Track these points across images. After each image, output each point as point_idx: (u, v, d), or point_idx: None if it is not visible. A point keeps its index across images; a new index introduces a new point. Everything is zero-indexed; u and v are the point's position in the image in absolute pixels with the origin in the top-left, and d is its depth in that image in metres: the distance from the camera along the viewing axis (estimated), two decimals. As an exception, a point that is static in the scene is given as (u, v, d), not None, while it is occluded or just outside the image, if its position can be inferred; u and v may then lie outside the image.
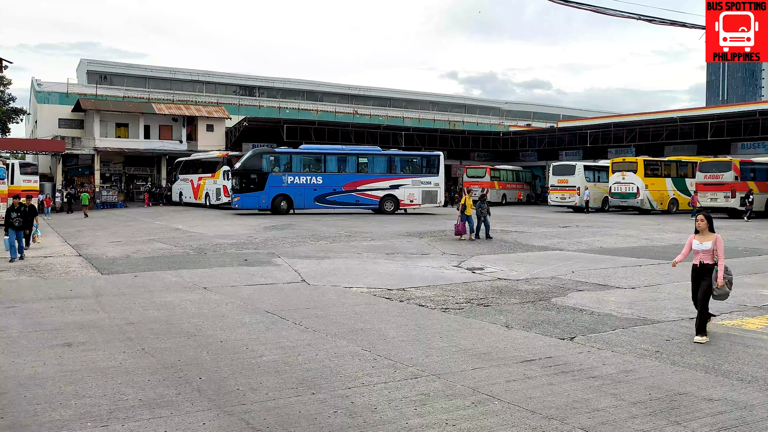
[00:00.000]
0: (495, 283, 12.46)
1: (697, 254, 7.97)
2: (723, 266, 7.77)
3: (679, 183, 37.93)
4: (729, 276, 7.95)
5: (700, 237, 8.00)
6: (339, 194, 33.72)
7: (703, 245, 7.93)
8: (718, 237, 7.90)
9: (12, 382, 6.06)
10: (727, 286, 7.89)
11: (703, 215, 7.99)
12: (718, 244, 7.86)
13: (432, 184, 36.24)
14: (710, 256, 7.86)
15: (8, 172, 29.30)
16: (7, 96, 57.54)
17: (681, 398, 5.69)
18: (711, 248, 7.85)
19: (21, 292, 11.27)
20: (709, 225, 8.00)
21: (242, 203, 32.62)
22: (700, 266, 7.96)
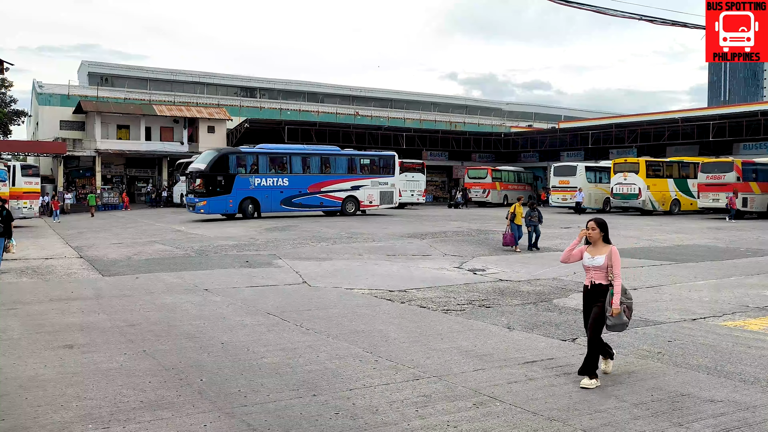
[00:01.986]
0: (496, 284, 12.44)
1: (588, 272, 6.40)
2: (620, 287, 6.19)
3: (680, 184, 37.88)
4: (628, 300, 6.33)
5: (592, 249, 6.37)
6: (304, 196, 32.51)
7: (594, 260, 6.30)
8: (613, 249, 6.30)
9: (13, 384, 6.06)
10: (625, 313, 6.26)
11: (595, 221, 6.40)
12: (614, 258, 6.25)
13: (389, 184, 35.78)
14: (604, 275, 6.27)
15: (9, 174, 29.29)
16: (9, 98, 57.59)
17: (683, 399, 5.68)
18: (605, 264, 6.23)
19: (22, 294, 11.27)
20: (603, 234, 6.39)
21: (209, 208, 30.15)
22: (591, 288, 6.34)
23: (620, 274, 6.25)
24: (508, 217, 18.65)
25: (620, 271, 6.26)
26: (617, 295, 6.17)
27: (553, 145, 53.88)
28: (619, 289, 6.19)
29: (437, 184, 59.38)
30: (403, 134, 52.37)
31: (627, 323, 6.34)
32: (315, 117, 58.00)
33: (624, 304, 6.26)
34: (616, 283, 6.20)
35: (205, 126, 50.05)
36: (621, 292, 6.22)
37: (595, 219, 6.46)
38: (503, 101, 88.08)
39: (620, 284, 6.22)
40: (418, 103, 74.44)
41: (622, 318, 6.23)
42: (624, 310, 6.24)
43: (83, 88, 54.69)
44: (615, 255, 6.27)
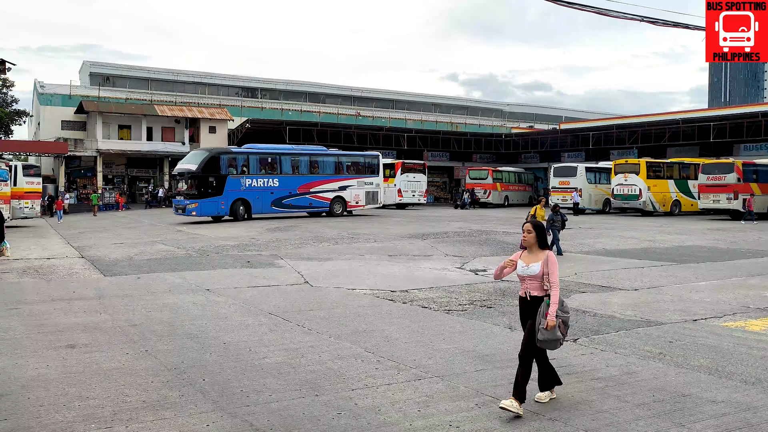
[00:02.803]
0: (498, 284, 12.45)
1: (523, 282, 5.69)
2: (557, 298, 5.46)
3: (681, 185, 37.89)
4: (565, 315, 5.60)
5: (527, 256, 5.71)
6: (294, 197, 32.08)
7: (529, 268, 5.60)
8: (550, 255, 5.62)
9: (15, 384, 6.07)
10: (560, 328, 5.50)
11: (531, 224, 5.76)
12: (550, 265, 5.55)
13: (374, 184, 35.64)
14: (540, 285, 5.59)
15: (11, 174, 29.33)
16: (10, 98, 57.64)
17: (685, 400, 5.68)
18: (540, 272, 5.55)
19: (24, 294, 11.29)
20: (539, 239, 5.71)
21: (201, 210, 29.23)
22: (526, 299, 5.68)
23: (558, 283, 5.53)
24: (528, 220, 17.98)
25: (558, 280, 5.55)
26: (553, 305, 5.42)
27: (554, 146, 53.93)
28: (556, 300, 5.45)
29: (438, 184, 59.44)
30: (404, 135, 52.43)
31: (561, 339, 5.52)
32: (316, 117, 58.05)
33: (560, 318, 5.49)
34: (552, 292, 5.48)
35: (207, 126, 50.12)
36: (559, 306, 5.50)
37: (531, 221, 5.81)
38: (504, 102, 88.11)
39: (558, 294, 5.48)
40: (420, 104, 74.47)
41: (555, 333, 5.43)
42: (559, 325, 5.47)
43: (85, 88, 54.75)
44: (552, 261, 5.57)
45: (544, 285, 5.56)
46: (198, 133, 49.92)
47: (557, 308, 5.46)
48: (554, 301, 5.44)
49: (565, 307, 5.63)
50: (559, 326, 5.46)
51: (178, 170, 30.95)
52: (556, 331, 5.43)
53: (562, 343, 5.58)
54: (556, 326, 5.41)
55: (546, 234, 5.79)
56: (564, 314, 5.58)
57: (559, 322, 5.47)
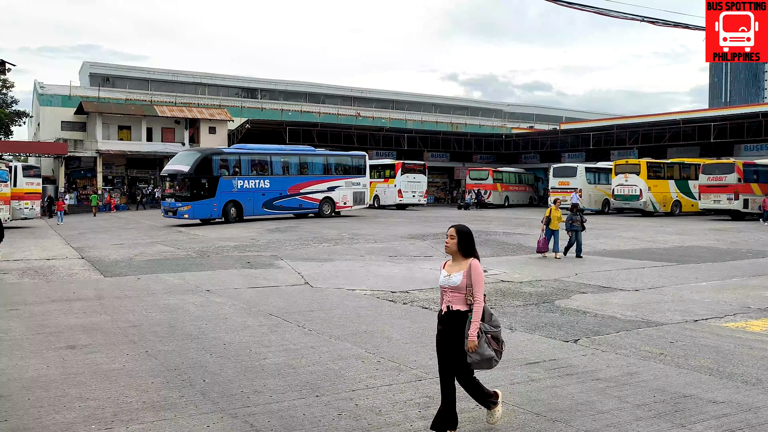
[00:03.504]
0: (498, 285, 12.44)
1: (445, 294, 4.94)
2: (480, 313, 4.78)
3: (682, 185, 37.88)
4: (494, 329, 4.92)
5: (449, 265, 5.01)
6: (285, 198, 31.62)
7: (450, 279, 4.87)
8: (474, 264, 4.85)
9: (16, 385, 6.06)
10: (492, 344, 4.85)
11: (456, 228, 4.98)
12: (474, 275, 4.80)
13: (361, 185, 35.41)
14: (463, 298, 4.83)
15: (11, 174, 29.35)
16: (10, 99, 57.71)
17: (685, 400, 5.67)
18: (463, 283, 4.81)
19: (24, 295, 11.28)
20: (462, 245, 4.93)
21: (194, 213, 28.40)
22: (448, 314, 4.89)
23: (482, 299, 4.81)
24: (543, 222, 17.31)
25: (482, 295, 4.83)
26: (475, 323, 4.76)
27: (554, 147, 53.90)
28: (479, 316, 4.79)
29: (438, 185, 59.42)
30: (404, 135, 52.42)
31: (494, 357, 4.87)
32: (316, 118, 58.04)
33: (489, 334, 4.87)
34: (475, 308, 4.78)
35: (207, 127, 50.11)
36: (486, 319, 4.89)
37: (456, 225, 5.06)
38: (504, 102, 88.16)
39: (481, 309, 4.81)
40: (420, 104, 74.49)
41: (485, 351, 4.81)
42: (488, 341, 4.84)
43: (84, 89, 54.77)
44: (476, 271, 4.83)
45: (467, 298, 4.83)
46: (198, 134, 49.92)
47: (484, 324, 4.85)
48: (475, 319, 4.77)
49: (494, 320, 4.97)
50: (488, 343, 4.84)
51: (169, 171, 30.10)
52: (485, 350, 4.81)
53: (497, 360, 4.93)
54: (484, 344, 4.80)
55: (473, 240, 4.98)
56: (494, 329, 4.92)
57: (487, 338, 4.85)
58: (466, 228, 5.01)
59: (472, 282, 4.80)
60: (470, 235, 4.98)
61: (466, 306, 4.83)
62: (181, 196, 28.54)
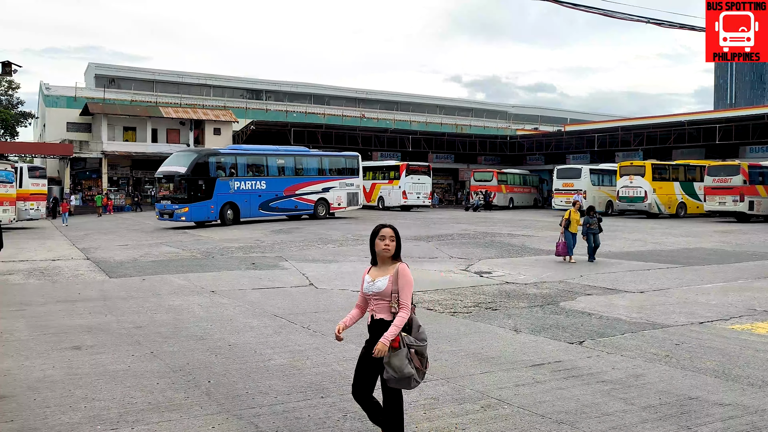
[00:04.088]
0: (503, 286, 12.43)
1: (370, 302, 4.52)
2: (404, 320, 4.28)
3: (687, 187, 37.80)
4: (420, 344, 4.37)
5: (375, 269, 4.54)
6: (281, 200, 31.35)
7: (375, 284, 4.43)
8: (402, 268, 4.41)
9: (21, 385, 6.08)
10: (414, 360, 4.31)
11: (392, 229, 4.52)
12: (402, 279, 4.36)
13: (354, 186, 35.24)
14: (387, 306, 4.39)
15: (16, 175, 29.44)
16: (16, 100, 57.92)
17: (691, 403, 5.66)
18: (388, 289, 4.37)
19: (29, 296, 11.31)
20: (396, 248, 4.48)
21: (191, 215, 27.81)
22: (373, 323, 4.49)
23: (410, 306, 4.32)
24: (562, 224, 16.68)
25: (410, 301, 4.34)
26: (396, 327, 4.24)
27: (559, 148, 53.87)
28: (402, 322, 4.26)
29: (443, 186, 59.40)
30: (408, 137, 52.45)
31: (414, 376, 4.28)
32: (321, 119, 58.12)
33: (412, 348, 4.30)
34: (401, 313, 4.28)
35: (211, 128, 50.21)
36: (413, 331, 4.38)
37: (389, 225, 4.55)
38: (509, 104, 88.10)
39: (407, 316, 4.30)
40: (424, 106, 74.49)
41: (404, 368, 4.22)
42: (410, 357, 4.27)
43: (90, 90, 54.90)
44: (404, 275, 4.36)
45: (392, 305, 4.36)
46: (203, 135, 50.03)
47: (408, 336, 4.33)
48: (397, 323, 4.25)
49: (421, 333, 4.42)
50: (410, 358, 4.27)
51: (165, 173, 29.16)
52: (405, 366, 4.23)
53: (417, 381, 4.34)
54: (405, 360, 4.23)
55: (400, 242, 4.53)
56: (419, 343, 4.35)
57: (409, 353, 4.29)
58: (395, 227, 4.57)
59: (399, 287, 4.34)
60: (398, 237, 4.54)
61: (390, 315, 4.36)
62: (178, 198, 27.91)
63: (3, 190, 27.08)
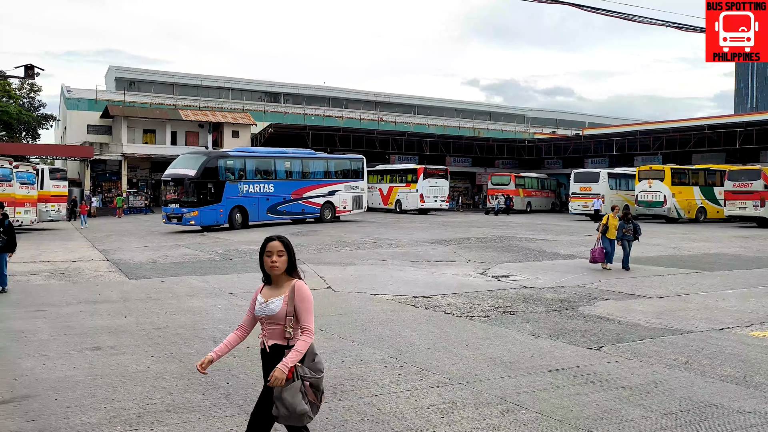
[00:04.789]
0: (520, 291, 12.39)
1: (263, 326, 3.97)
2: (305, 346, 3.77)
3: (707, 191, 37.44)
4: (316, 376, 3.83)
5: (268, 289, 4.01)
6: (288, 203, 30.81)
7: (268, 306, 3.90)
8: (298, 285, 3.89)
9: (43, 385, 6.15)
10: (305, 396, 3.74)
11: (281, 241, 3.94)
12: (299, 299, 3.85)
13: (359, 188, 34.89)
14: (281, 331, 3.86)
15: (38, 177, 29.76)
16: (38, 102, 58.63)
17: (712, 410, 5.60)
18: (282, 311, 3.84)
19: (51, 296, 11.43)
20: (289, 263, 3.95)
21: (201, 219, 27.01)
22: (267, 351, 3.94)
23: (312, 329, 3.82)
24: (599, 230, 15.99)
25: (312, 324, 3.84)
26: (297, 352, 3.72)
27: (577, 152, 53.56)
28: (304, 348, 3.75)
29: (460, 190, 59.29)
30: (426, 140, 52.41)
31: (308, 412, 3.76)
32: (339, 122, 58.29)
33: (307, 380, 3.77)
34: (303, 337, 3.77)
35: (230, 131, 50.50)
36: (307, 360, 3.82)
37: (279, 237, 3.98)
38: (527, 108, 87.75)
39: (310, 340, 3.79)
40: (442, 109, 74.43)
41: (296, 403, 3.69)
42: (303, 391, 3.74)
43: (110, 93, 55.45)
44: (301, 294, 3.85)
45: (286, 331, 3.82)
46: (221, 138, 50.32)
47: (303, 367, 3.78)
48: (300, 348, 3.74)
49: (317, 363, 3.87)
50: (303, 392, 3.73)
51: (173, 175, 28.40)
52: (297, 401, 3.69)
53: (311, 417, 3.80)
54: (298, 394, 3.70)
55: (295, 255, 4.01)
56: (314, 375, 3.81)
57: (303, 385, 3.75)
58: (287, 239, 4.01)
59: (298, 308, 3.81)
60: (292, 248, 4.01)
61: (285, 340, 3.83)
62: (187, 202, 27.25)
63: (25, 192, 27.38)
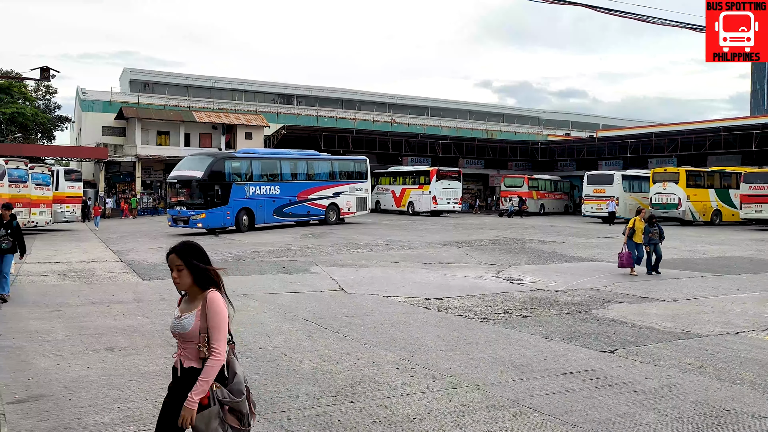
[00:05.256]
0: (533, 293, 12.34)
1: (179, 343, 3.54)
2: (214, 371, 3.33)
3: (722, 194, 37.14)
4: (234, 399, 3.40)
5: (185, 302, 3.59)
6: (294, 205, 30.38)
7: (181, 322, 3.48)
8: (211, 298, 3.44)
9: (57, 385, 6.19)
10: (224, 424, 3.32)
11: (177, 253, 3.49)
12: (212, 314, 3.40)
13: (363, 190, 34.56)
14: (195, 350, 3.43)
15: (53, 178, 30.00)
16: (53, 104, 59.11)
17: (727, 415, 5.55)
18: (195, 329, 3.41)
19: (65, 297, 11.51)
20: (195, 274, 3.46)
21: (208, 222, 26.49)
22: (181, 373, 3.48)
23: (223, 349, 3.38)
24: (626, 234, 15.55)
25: (224, 344, 3.41)
26: (204, 381, 3.29)
27: (591, 154, 53.29)
28: (213, 373, 3.32)
29: (473, 192, 59.16)
30: (439, 142, 52.32)
31: None
32: (351, 124, 58.30)
33: (225, 405, 3.34)
34: (210, 361, 3.32)
35: (243, 132, 50.64)
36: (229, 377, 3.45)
37: (176, 248, 3.50)
38: (540, 109, 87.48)
39: (219, 364, 3.35)
40: (455, 111, 74.31)
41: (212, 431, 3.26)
42: (221, 417, 3.31)
43: (125, 95, 55.75)
44: (213, 307, 3.40)
45: (200, 350, 3.39)
46: (234, 139, 50.49)
47: (222, 389, 3.36)
48: (205, 376, 3.29)
49: (237, 383, 3.44)
50: (221, 418, 3.30)
51: (179, 177, 27.88)
52: (213, 428, 3.28)
53: None
54: (214, 423, 3.27)
55: (207, 260, 3.55)
56: (232, 398, 3.37)
57: (221, 412, 3.32)
58: (192, 244, 3.52)
59: (210, 324, 3.36)
60: (202, 254, 3.50)
61: (199, 362, 3.38)
62: (194, 204, 26.62)
63: (40, 193, 27.61)
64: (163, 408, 3.49)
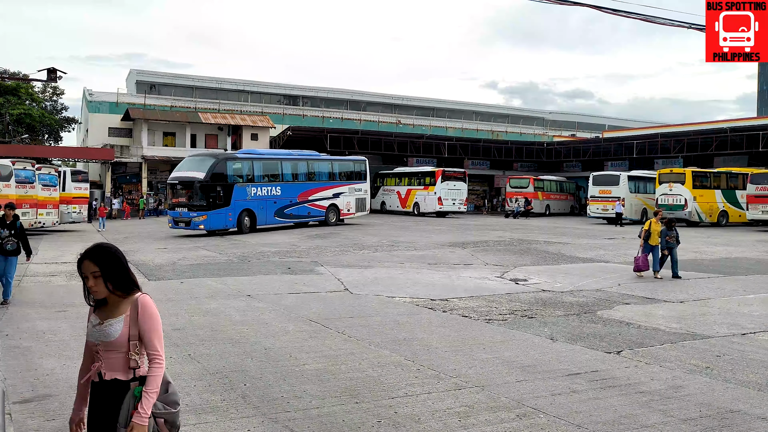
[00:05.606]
0: (539, 294, 12.32)
1: (98, 353, 3.13)
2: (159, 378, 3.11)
3: (729, 195, 37.03)
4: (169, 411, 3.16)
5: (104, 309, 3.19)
6: (295, 206, 30.18)
7: (104, 329, 3.11)
8: (143, 301, 3.19)
9: (64, 385, 6.21)
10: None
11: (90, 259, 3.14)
12: (144, 319, 3.13)
13: (362, 191, 34.45)
14: (124, 360, 3.10)
15: (60, 179, 30.11)
16: (60, 105, 59.31)
17: (733, 416, 5.54)
18: (124, 336, 3.09)
19: (72, 297, 11.54)
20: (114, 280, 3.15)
21: (210, 223, 26.23)
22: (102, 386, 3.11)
23: (162, 355, 3.15)
24: (642, 236, 15.19)
25: (162, 346, 3.17)
26: (152, 394, 3.05)
27: (597, 155, 53.21)
28: (159, 379, 3.10)
29: (478, 193, 59.12)
30: (444, 143, 52.29)
31: None
32: (357, 125, 58.31)
33: (160, 417, 3.12)
34: (153, 369, 3.09)
35: (249, 133, 50.71)
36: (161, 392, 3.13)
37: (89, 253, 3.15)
38: (546, 110, 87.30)
39: (163, 369, 3.14)
40: (460, 112, 74.25)
41: None
42: (156, 427, 3.11)
43: (131, 96, 55.88)
44: (146, 311, 3.15)
45: (131, 359, 3.09)
46: (240, 140, 50.56)
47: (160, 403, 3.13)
48: (151, 387, 3.06)
49: (171, 394, 3.21)
50: (155, 430, 3.10)
51: (181, 178, 27.63)
52: None
53: None
54: None
55: (125, 264, 3.24)
56: (166, 409, 3.15)
57: (157, 425, 3.12)
58: (107, 247, 3.21)
59: (143, 329, 3.10)
60: (119, 259, 3.20)
61: (128, 373, 3.09)
62: (196, 206, 26.38)
63: (47, 194, 27.70)
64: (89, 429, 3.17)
